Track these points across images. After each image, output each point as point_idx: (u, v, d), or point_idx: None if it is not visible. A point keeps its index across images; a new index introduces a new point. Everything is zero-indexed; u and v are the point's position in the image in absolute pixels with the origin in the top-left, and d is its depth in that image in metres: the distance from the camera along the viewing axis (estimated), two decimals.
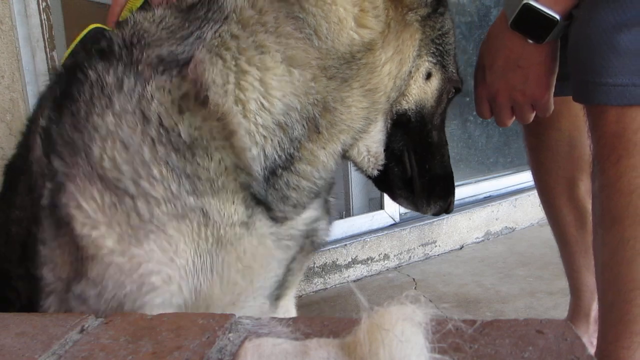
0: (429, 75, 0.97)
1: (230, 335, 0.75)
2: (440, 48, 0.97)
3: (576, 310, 1.48)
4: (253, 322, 0.78)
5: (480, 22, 2.94)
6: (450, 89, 1.03)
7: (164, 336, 0.74)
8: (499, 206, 2.77)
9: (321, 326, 0.76)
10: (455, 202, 1.12)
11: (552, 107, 1.15)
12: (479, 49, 1.18)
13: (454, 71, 1.02)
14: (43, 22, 1.43)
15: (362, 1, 0.84)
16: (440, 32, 0.96)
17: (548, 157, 1.43)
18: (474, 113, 1.30)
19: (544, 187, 1.49)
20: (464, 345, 0.68)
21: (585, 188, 1.40)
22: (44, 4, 1.43)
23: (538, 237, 2.71)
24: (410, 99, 0.96)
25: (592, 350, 1.42)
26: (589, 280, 1.43)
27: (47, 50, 1.45)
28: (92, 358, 0.69)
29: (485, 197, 2.84)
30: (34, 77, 1.43)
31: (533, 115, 1.16)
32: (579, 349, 0.67)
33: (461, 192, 2.77)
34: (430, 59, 0.96)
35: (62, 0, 2.13)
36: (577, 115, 1.37)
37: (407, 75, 0.92)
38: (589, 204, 1.37)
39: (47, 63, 1.45)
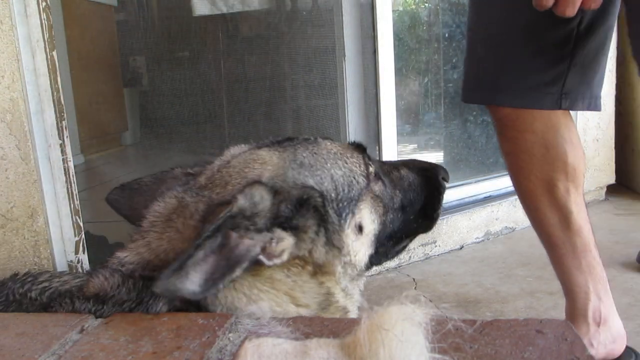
0: (360, 229, 0.97)
1: (230, 335, 0.75)
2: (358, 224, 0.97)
3: (573, 313, 1.47)
4: (253, 322, 0.78)
5: None
6: (395, 192, 1.06)
7: (164, 336, 0.74)
8: (499, 206, 2.77)
9: (321, 326, 0.76)
10: (455, 202, 1.15)
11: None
12: None
13: (383, 195, 1.03)
14: (43, 22, 1.43)
15: (293, 292, 0.88)
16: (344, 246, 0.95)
17: (525, 160, 1.44)
18: (474, 113, 1.31)
19: (525, 192, 1.49)
20: (464, 345, 0.68)
21: (564, 188, 1.41)
22: (44, 4, 1.43)
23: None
24: (361, 256, 0.98)
25: (592, 350, 1.42)
26: (581, 280, 1.44)
27: (47, 50, 1.45)
28: (92, 358, 0.69)
29: (485, 197, 2.84)
30: (34, 77, 1.42)
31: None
32: (579, 349, 0.67)
33: (461, 192, 2.77)
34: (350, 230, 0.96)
35: (62, 0, 2.12)
36: (549, 117, 1.40)
37: (344, 264, 0.95)
38: (570, 204, 1.41)
39: (47, 63, 1.45)
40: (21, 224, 1.42)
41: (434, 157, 3.10)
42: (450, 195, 2.73)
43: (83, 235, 1.57)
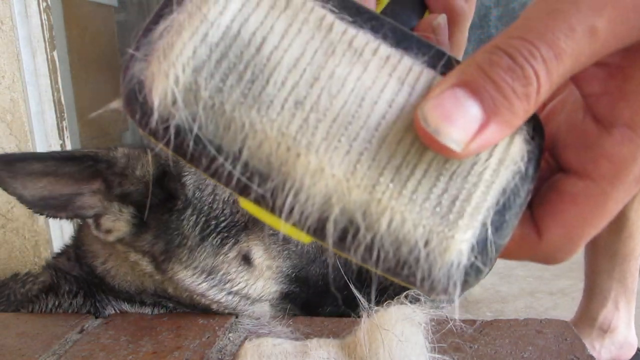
0: (247, 261, 0.82)
1: (230, 335, 0.75)
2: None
3: (584, 312, 1.47)
4: (253, 322, 0.78)
5: (481, 22, 2.93)
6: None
7: (164, 336, 0.74)
8: None
9: (321, 326, 0.76)
10: None
11: None
12: None
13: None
14: (43, 22, 1.43)
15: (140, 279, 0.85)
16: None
17: None
18: None
19: None
20: (464, 345, 0.68)
21: None
22: (44, 4, 1.43)
23: None
24: (259, 289, 0.83)
25: (593, 352, 1.42)
26: (606, 285, 1.41)
27: (48, 50, 1.45)
28: (92, 358, 0.69)
29: None
30: (34, 78, 1.43)
31: None
32: (579, 349, 0.67)
33: None
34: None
35: (63, 0, 2.13)
36: None
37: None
38: (630, 210, 1.34)
39: (48, 63, 1.45)
40: (21, 224, 1.42)
41: None
42: None
43: None
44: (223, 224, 0.81)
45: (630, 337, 1.45)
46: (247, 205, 0.31)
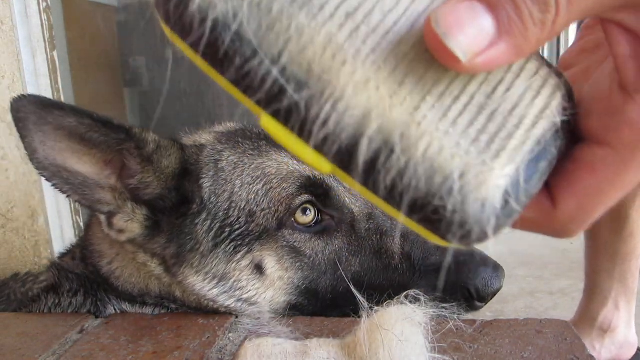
0: (260, 270, 0.81)
1: (230, 335, 0.75)
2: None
3: (584, 312, 1.46)
4: (253, 322, 0.78)
5: None
6: (350, 259, 0.84)
7: (164, 336, 0.74)
8: None
9: (321, 326, 0.76)
10: None
11: None
12: None
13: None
14: (43, 22, 1.43)
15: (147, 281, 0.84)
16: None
17: None
18: None
19: None
20: (464, 345, 0.68)
21: (632, 191, 1.32)
22: (44, 4, 1.43)
23: (538, 237, 2.67)
24: (268, 298, 0.83)
25: (593, 352, 1.41)
26: (606, 285, 1.41)
27: (48, 50, 1.45)
28: (92, 358, 0.69)
29: None
30: (34, 78, 1.43)
31: None
32: (579, 349, 0.67)
33: None
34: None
35: (63, 0, 2.12)
36: None
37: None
38: (631, 210, 1.32)
39: (48, 63, 1.45)
40: (22, 224, 1.42)
41: None
42: None
43: None
44: (237, 232, 0.80)
45: (631, 336, 1.45)
46: (269, 123, 0.29)
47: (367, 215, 0.86)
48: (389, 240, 0.84)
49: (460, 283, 0.80)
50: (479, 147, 0.29)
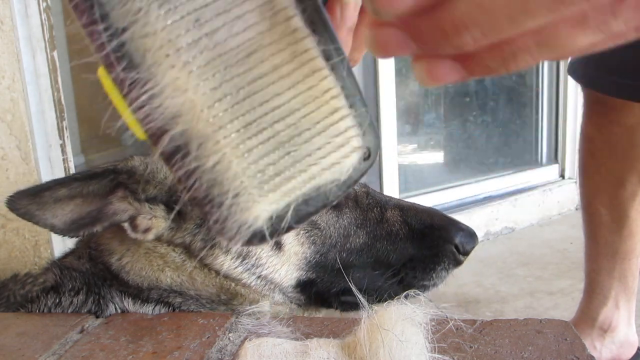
0: (278, 245, 0.87)
1: (230, 335, 0.75)
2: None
3: (584, 311, 1.46)
4: (253, 322, 0.78)
5: None
6: (357, 232, 0.93)
7: (164, 336, 0.74)
8: (499, 206, 2.77)
9: (321, 326, 0.76)
10: (455, 202, 1.12)
11: None
12: None
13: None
14: (43, 22, 1.43)
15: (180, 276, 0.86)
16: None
17: (602, 150, 1.35)
18: (474, 113, 1.28)
19: (589, 181, 1.41)
20: (464, 345, 0.68)
21: (631, 190, 1.32)
22: (44, 4, 1.43)
23: (538, 237, 2.71)
24: (282, 274, 0.88)
25: (594, 352, 1.41)
26: (606, 284, 1.40)
27: (48, 50, 1.45)
28: (92, 358, 0.69)
29: (485, 197, 2.84)
30: (34, 78, 1.42)
31: None
32: (579, 349, 0.67)
33: (461, 192, 2.77)
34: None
35: (63, 0, 2.12)
36: None
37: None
38: (631, 209, 1.32)
39: (48, 63, 1.45)
40: (22, 224, 1.42)
41: (434, 157, 3.11)
42: (450, 196, 2.73)
43: None
44: None
45: (631, 336, 1.45)
46: (104, 76, 0.32)
47: (365, 193, 0.98)
48: (388, 212, 0.96)
49: (448, 239, 0.96)
50: (263, 178, 0.33)
